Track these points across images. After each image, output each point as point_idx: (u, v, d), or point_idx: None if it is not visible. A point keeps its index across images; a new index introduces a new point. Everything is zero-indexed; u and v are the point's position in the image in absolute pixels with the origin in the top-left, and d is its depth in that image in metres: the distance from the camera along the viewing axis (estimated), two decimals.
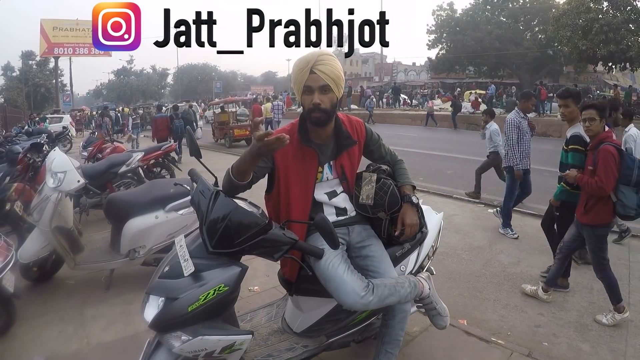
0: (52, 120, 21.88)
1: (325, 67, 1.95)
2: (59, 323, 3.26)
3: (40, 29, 36.64)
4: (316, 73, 1.94)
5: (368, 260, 2.18)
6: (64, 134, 10.20)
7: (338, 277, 1.99)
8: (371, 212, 2.19)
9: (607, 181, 3.10)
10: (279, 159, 2.06)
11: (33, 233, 3.66)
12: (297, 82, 2.00)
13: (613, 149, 3.16)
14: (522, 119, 5.15)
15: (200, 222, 1.82)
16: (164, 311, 1.70)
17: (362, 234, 2.26)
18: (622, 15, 20.95)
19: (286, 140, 1.64)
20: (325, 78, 1.95)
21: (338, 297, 2.00)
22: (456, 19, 35.78)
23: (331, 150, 2.16)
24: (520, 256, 4.57)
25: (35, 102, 44.48)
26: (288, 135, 1.66)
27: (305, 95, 1.99)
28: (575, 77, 36.69)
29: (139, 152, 6.55)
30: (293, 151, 2.07)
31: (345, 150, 2.16)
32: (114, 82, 62.59)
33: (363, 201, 2.15)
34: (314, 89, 1.95)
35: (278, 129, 2.20)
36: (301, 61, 1.96)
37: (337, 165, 2.18)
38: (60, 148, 4.50)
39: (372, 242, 2.24)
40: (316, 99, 1.95)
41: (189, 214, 3.72)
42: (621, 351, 2.91)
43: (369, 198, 2.14)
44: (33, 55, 46.70)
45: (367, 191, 2.16)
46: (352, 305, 1.98)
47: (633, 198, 3.12)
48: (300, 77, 1.97)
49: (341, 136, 2.14)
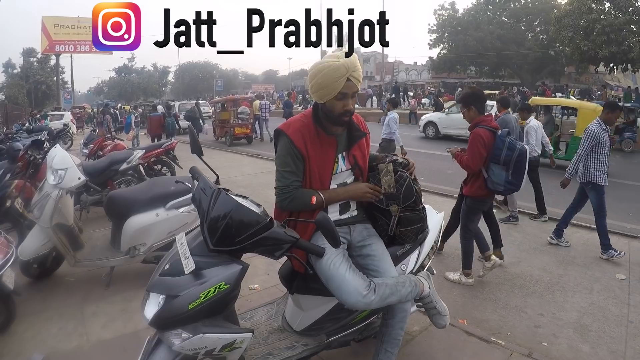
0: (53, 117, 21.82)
1: (358, 74, 2.01)
2: (58, 320, 3.26)
3: (42, 26, 36.59)
4: (352, 81, 1.99)
5: (369, 259, 2.18)
6: (65, 132, 10.20)
7: (340, 276, 2.00)
8: (385, 204, 2.20)
9: (472, 159, 3.64)
10: (305, 151, 2.07)
11: (33, 230, 3.66)
12: (330, 89, 1.98)
13: (483, 131, 3.60)
14: (604, 130, 4.64)
15: (202, 220, 1.82)
16: (164, 309, 1.69)
17: (363, 233, 2.26)
18: (624, 16, 20.90)
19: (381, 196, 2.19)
20: (358, 84, 2.03)
21: (340, 296, 2.00)
22: (458, 19, 35.73)
23: (344, 142, 2.19)
24: (521, 256, 4.57)
25: (36, 100, 44.49)
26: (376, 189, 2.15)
27: (336, 100, 2.01)
28: (576, 78, 36.67)
29: (140, 149, 6.55)
30: (312, 141, 2.09)
31: (356, 142, 2.19)
32: (115, 79, 62.57)
33: (385, 190, 2.15)
34: (349, 95, 2.01)
35: (290, 119, 2.22)
36: (338, 69, 1.95)
37: (349, 156, 2.19)
38: (61, 145, 4.50)
39: (373, 241, 2.24)
40: (350, 106, 2.03)
41: (190, 212, 3.72)
42: (621, 352, 2.91)
43: (391, 187, 2.15)
44: (34, 52, 46.72)
45: (387, 181, 2.16)
46: (354, 304, 1.98)
47: (501, 175, 3.53)
48: (336, 85, 1.96)
49: (352, 128, 2.17)
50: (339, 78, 1.94)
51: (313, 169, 2.08)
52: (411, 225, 2.28)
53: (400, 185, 2.18)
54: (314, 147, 2.07)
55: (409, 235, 2.32)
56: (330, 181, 2.14)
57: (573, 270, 4.21)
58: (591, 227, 5.39)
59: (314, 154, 2.08)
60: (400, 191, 2.17)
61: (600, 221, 4.64)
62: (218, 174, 2.62)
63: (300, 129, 2.08)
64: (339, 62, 1.95)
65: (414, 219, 2.27)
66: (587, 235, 5.20)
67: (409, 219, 2.26)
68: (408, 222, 2.26)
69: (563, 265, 4.31)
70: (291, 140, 2.05)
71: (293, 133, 2.06)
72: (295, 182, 2.06)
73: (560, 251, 4.69)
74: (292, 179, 2.06)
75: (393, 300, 2.07)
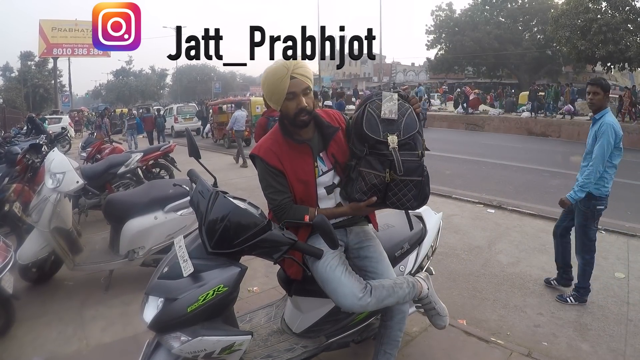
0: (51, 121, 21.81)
1: (303, 70, 1.97)
2: (58, 324, 3.26)
3: (39, 29, 36.54)
4: (297, 78, 1.94)
5: (366, 260, 2.17)
6: (63, 135, 10.19)
7: (336, 279, 2.00)
8: (382, 135, 1.91)
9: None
10: (281, 166, 2.05)
11: (32, 234, 3.65)
12: (278, 92, 1.96)
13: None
14: None
15: (200, 222, 1.82)
16: (163, 312, 1.69)
17: (360, 235, 2.24)
18: (621, 16, 20.92)
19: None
20: (306, 80, 1.98)
21: (336, 299, 2.00)
22: (455, 20, 35.82)
23: (317, 143, 2.13)
24: (520, 256, 4.57)
25: (34, 103, 44.38)
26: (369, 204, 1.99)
27: (287, 101, 1.98)
28: (574, 77, 36.72)
29: (138, 152, 6.54)
30: (286, 155, 2.06)
31: (332, 139, 2.11)
32: (112, 82, 62.53)
33: (385, 116, 1.92)
34: (298, 93, 1.96)
35: (261, 140, 2.19)
36: (278, 71, 1.94)
37: (328, 155, 2.13)
38: (59, 149, 4.50)
39: (370, 242, 2.23)
40: (303, 103, 1.97)
41: (188, 215, 3.72)
42: (620, 351, 2.91)
43: (392, 113, 1.93)
44: (32, 55, 46.61)
45: (389, 107, 1.95)
46: (350, 307, 1.98)
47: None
48: (281, 86, 1.94)
49: (322, 126, 2.11)
50: (281, 78, 1.92)
51: (293, 181, 2.06)
52: (410, 175, 1.93)
53: (402, 114, 1.95)
54: (289, 159, 2.05)
55: (406, 193, 1.97)
56: (315, 187, 2.10)
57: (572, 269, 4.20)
58: None
59: (291, 166, 2.05)
60: (402, 120, 1.94)
61: None
62: (216, 177, 2.62)
63: (271, 146, 2.07)
64: (278, 64, 1.96)
65: (413, 168, 1.93)
66: None
67: (408, 166, 1.92)
68: (407, 170, 1.93)
69: None
70: (265, 161, 2.05)
71: (265, 153, 2.06)
72: (285, 199, 2.05)
73: None
74: (280, 198, 2.04)
75: (390, 302, 2.06)
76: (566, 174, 9.36)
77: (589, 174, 3.43)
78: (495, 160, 11.11)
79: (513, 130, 19.35)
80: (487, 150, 13.18)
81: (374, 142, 1.93)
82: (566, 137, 17.45)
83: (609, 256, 4.53)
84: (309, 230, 2.11)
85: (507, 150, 13.45)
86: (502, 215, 6.01)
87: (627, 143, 15.07)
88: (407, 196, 1.97)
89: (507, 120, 20.43)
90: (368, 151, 1.95)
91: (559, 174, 9.39)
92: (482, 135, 18.44)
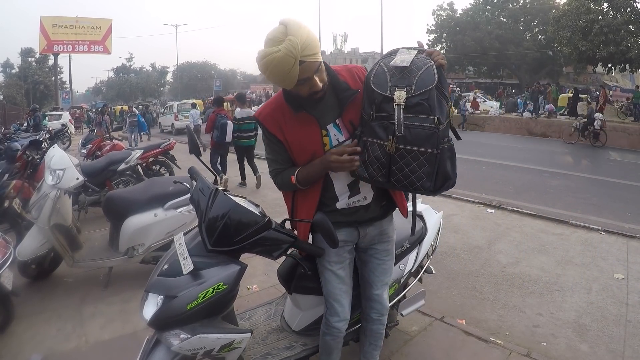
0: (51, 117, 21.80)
1: (311, 48, 1.63)
2: (57, 321, 3.26)
3: (40, 26, 36.55)
4: (307, 61, 1.63)
5: (370, 265, 2.09)
6: (63, 132, 10.19)
7: (334, 295, 2.02)
8: (389, 89, 1.59)
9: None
10: (281, 134, 1.85)
11: (31, 230, 3.65)
12: (287, 81, 1.66)
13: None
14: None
15: (200, 220, 1.82)
16: (162, 309, 1.69)
17: (374, 238, 2.03)
18: (622, 17, 20.90)
19: (356, 163, 1.72)
20: (316, 58, 1.66)
21: (326, 310, 2.06)
22: (456, 19, 35.84)
23: (332, 108, 1.82)
24: (519, 256, 4.57)
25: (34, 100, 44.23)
26: (355, 158, 1.71)
27: (299, 86, 1.70)
28: (574, 78, 36.74)
29: (138, 149, 6.54)
30: (288, 121, 1.83)
31: (349, 103, 1.79)
32: (113, 79, 62.57)
33: (396, 63, 1.60)
34: (310, 77, 1.68)
35: (267, 101, 1.97)
36: (283, 61, 1.58)
37: (345, 122, 1.82)
38: (59, 145, 4.49)
39: (383, 247, 2.07)
40: (318, 85, 1.70)
41: (188, 212, 3.72)
42: (619, 351, 2.91)
43: (403, 62, 1.60)
44: (32, 52, 46.69)
45: (402, 58, 1.62)
46: (334, 326, 2.03)
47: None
48: (290, 75, 1.62)
49: (339, 88, 1.80)
50: (289, 69, 1.60)
51: (298, 151, 1.85)
52: (419, 144, 1.56)
53: (417, 67, 1.58)
54: (292, 128, 1.82)
55: (416, 169, 1.59)
56: None
57: (571, 270, 4.21)
58: (590, 227, 5.42)
59: (294, 135, 1.83)
60: (417, 74, 1.56)
61: None
62: (216, 175, 2.62)
63: (273, 112, 1.86)
64: (281, 52, 1.57)
65: (423, 136, 1.55)
66: (586, 235, 5.20)
67: (417, 132, 1.56)
68: (415, 137, 1.56)
69: (561, 265, 4.32)
70: (264, 126, 1.87)
71: (265, 118, 1.87)
72: (277, 169, 1.90)
73: (559, 251, 4.70)
74: (273, 167, 1.92)
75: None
76: (566, 175, 9.39)
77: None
78: (495, 160, 11.12)
79: (513, 130, 19.40)
80: (487, 150, 13.17)
81: (380, 101, 1.61)
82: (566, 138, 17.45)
83: (608, 257, 4.53)
84: (309, 226, 1.94)
85: (507, 150, 13.45)
86: (502, 216, 6.01)
87: (627, 144, 15.17)
88: (417, 173, 1.58)
89: (508, 120, 20.47)
90: (374, 115, 1.65)
91: (559, 174, 9.40)
92: (482, 135, 18.45)
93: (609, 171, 10.47)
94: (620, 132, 16.24)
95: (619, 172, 10.17)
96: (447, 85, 1.62)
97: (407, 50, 1.65)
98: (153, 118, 26.04)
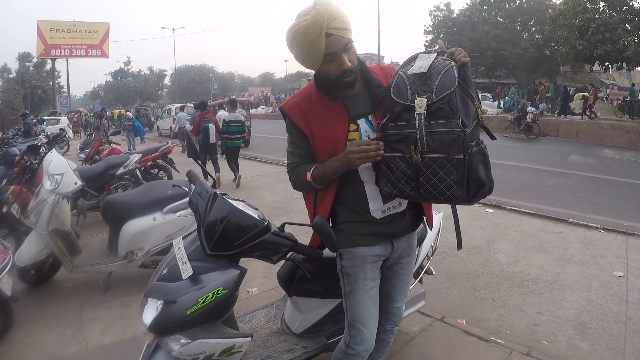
0: (49, 122, 21.81)
1: (340, 21, 1.56)
2: (57, 326, 3.25)
3: (37, 30, 36.54)
4: (334, 34, 1.54)
5: (394, 280, 1.97)
6: (61, 136, 10.18)
7: (367, 320, 1.81)
8: (409, 98, 1.51)
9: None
10: (306, 127, 1.74)
11: (30, 236, 3.65)
12: (314, 55, 1.57)
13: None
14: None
15: (198, 224, 1.82)
16: (162, 314, 1.69)
17: (404, 250, 1.92)
18: (619, 15, 20.95)
19: (380, 152, 1.56)
20: (345, 34, 1.58)
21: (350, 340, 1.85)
22: (453, 20, 35.87)
23: (365, 103, 1.74)
24: (519, 255, 4.57)
25: (32, 104, 44.32)
26: (380, 144, 1.56)
27: (326, 64, 1.60)
28: (572, 77, 36.83)
29: (137, 153, 6.54)
30: (316, 112, 1.72)
31: (382, 99, 1.67)
32: (111, 83, 62.45)
33: (414, 71, 1.52)
34: (338, 53, 1.58)
35: (290, 96, 1.87)
36: (309, 30, 1.52)
37: (378, 118, 1.70)
38: (57, 150, 4.49)
39: (408, 262, 1.97)
40: (347, 63, 1.60)
41: (187, 216, 3.71)
42: (620, 349, 2.91)
43: (421, 68, 1.51)
44: (30, 56, 46.64)
45: (420, 64, 1.54)
46: (365, 347, 1.83)
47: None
48: (316, 48, 1.54)
49: (373, 84, 1.73)
50: (315, 39, 1.52)
51: (321, 145, 1.72)
52: (443, 151, 1.45)
53: (437, 72, 1.49)
54: (319, 119, 1.71)
55: (444, 178, 1.47)
56: None
57: (571, 268, 4.22)
58: (589, 225, 5.43)
59: (320, 128, 1.71)
60: (437, 78, 1.47)
61: None
62: (215, 178, 2.61)
63: (300, 102, 1.76)
64: (307, 21, 1.51)
65: (447, 142, 1.44)
66: (585, 233, 5.21)
67: (440, 138, 1.45)
68: (439, 143, 1.45)
69: (561, 264, 4.32)
70: (289, 117, 1.75)
71: (290, 108, 1.76)
72: (295, 163, 1.79)
73: (558, 250, 4.70)
74: (291, 160, 1.80)
75: None
76: (565, 173, 9.40)
77: None
78: (494, 160, 11.01)
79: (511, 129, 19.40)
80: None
81: (401, 110, 1.53)
82: (564, 137, 17.51)
83: (607, 255, 4.54)
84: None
85: (505, 149, 13.45)
86: (501, 215, 6.01)
87: (625, 142, 15.22)
88: (446, 182, 1.46)
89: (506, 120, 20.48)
90: (386, 124, 1.58)
91: (557, 173, 9.41)
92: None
93: (607, 169, 10.50)
94: (618, 130, 16.32)
95: (617, 171, 10.20)
96: (472, 85, 1.53)
97: (425, 55, 1.58)
98: (148, 121, 26.76)
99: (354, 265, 1.78)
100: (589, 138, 16.76)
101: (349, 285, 1.81)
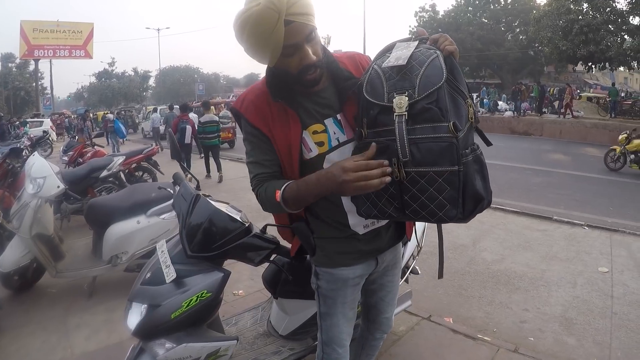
0: (33, 124, 21.46)
1: (301, 5, 1.23)
2: (41, 333, 3.19)
3: (20, 30, 35.98)
4: (295, 22, 1.23)
5: (381, 293, 1.76)
6: (44, 139, 10.02)
7: (343, 341, 1.63)
8: (387, 97, 1.19)
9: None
10: (266, 127, 1.42)
11: (13, 241, 3.58)
12: (271, 47, 1.25)
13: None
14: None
15: (181, 226, 1.80)
16: (146, 318, 1.67)
17: (388, 264, 1.67)
18: (602, 17, 21.26)
19: (386, 179, 1.16)
20: (308, 20, 1.26)
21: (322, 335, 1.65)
22: (438, 21, 36.18)
23: (332, 100, 1.42)
24: (504, 253, 4.62)
25: (15, 106, 43.48)
26: (384, 162, 1.17)
27: (285, 58, 1.29)
28: (555, 77, 37.37)
29: (120, 156, 6.46)
30: (275, 112, 1.41)
31: (352, 94, 1.38)
32: (95, 84, 61.58)
33: (390, 63, 1.20)
34: (300, 44, 1.27)
35: (248, 87, 1.52)
36: (264, 16, 1.19)
37: (348, 117, 1.40)
38: (40, 153, 4.43)
39: (394, 273, 1.74)
40: (310, 56, 1.29)
41: (171, 219, 3.67)
42: (606, 343, 2.95)
43: (399, 59, 1.19)
44: (13, 57, 45.82)
45: (398, 55, 1.22)
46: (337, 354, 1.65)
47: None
48: (273, 39, 1.22)
49: (340, 77, 1.42)
50: (272, 28, 1.20)
51: (284, 153, 1.41)
52: (431, 164, 1.14)
53: (419, 63, 1.18)
54: (278, 121, 1.40)
55: (434, 196, 1.17)
56: (298, 167, 1.40)
57: (556, 265, 4.27)
58: (573, 222, 5.51)
59: (280, 130, 1.40)
60: (419, 71, 1.16)
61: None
62: (198, 180, 2.60)
63: (255, 99, 1.43)
64: (260, 5, 1.18)
65: (436, 151, 1.13)
66: (570, 231, 5.28)
67: (427, 147, 1.14)
68: (426, 153, 1.14)
69: (546, 261, 4.37)
70: (245, 118, 1.43)
71: (246, 109, 1.43)
72: (261, 175, 1.42)
73: (543, 247, 4.76)
74: (257, 171, 1.43)
75: None
76: (548, 172, 9.53)
77: None
78: None
79: (496, 129, 19.66)
80: None
81: (377, 113, 1.21)
82: (548, 136, 17.76)
83: (592, 251, 4.61)
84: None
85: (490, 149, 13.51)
86: (486, 213, 6.03)
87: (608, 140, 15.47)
88: (438, 200, 1.17)
89: (490, 119, 20.75)
90: (367, 132, 1.25)
91: (542, 171, 9.54)
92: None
93: (591, 167, 10.67)
94: (601, 129, 16.62)
95: (600, 168, 10.36)
96: (462, 78, 1.23)
97: (404, 44, 1.26)
98: (133, 123, 26.54)
99: (332, 288, 1.55)
100: (572, 137, 17.07)
101: (326, 307, 1.58)
